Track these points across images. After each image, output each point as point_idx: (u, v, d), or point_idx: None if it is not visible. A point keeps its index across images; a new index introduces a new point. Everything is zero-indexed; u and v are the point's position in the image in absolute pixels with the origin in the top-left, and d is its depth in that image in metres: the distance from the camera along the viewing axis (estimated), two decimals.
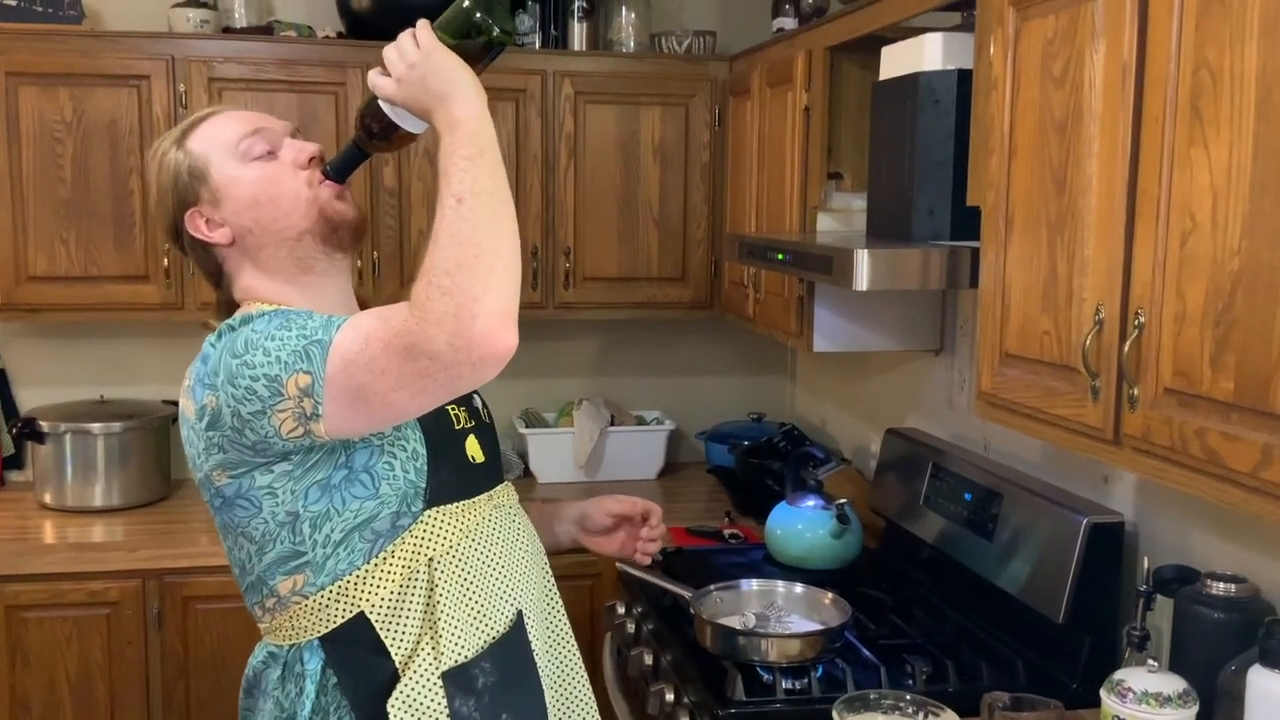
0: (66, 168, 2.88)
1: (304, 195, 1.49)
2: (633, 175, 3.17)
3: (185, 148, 1.51)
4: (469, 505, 1.51)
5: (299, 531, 1.42)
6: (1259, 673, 1.44)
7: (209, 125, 1.53)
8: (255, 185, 1.49)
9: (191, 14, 3.02)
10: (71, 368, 3.26)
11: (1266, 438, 1.22)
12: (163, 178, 1.52)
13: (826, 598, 2.15)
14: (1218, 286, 1.29)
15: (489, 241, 1.25)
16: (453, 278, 1.22)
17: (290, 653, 1.48)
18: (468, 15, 1.38)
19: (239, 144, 1.49)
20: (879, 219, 2.19)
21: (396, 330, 1.25)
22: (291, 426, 1.33)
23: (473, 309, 1.21)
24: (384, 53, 1.38)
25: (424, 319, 1.22)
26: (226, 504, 1.44)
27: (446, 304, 1.22)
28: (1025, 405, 1.69)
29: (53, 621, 2.72)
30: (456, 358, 1.22)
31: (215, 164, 1.49)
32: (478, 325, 1.21)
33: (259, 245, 1.50)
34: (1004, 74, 1.72)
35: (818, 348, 2.55)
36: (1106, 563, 1.94)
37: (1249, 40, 1.23)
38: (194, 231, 1.51)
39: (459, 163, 1.28)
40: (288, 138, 1.53)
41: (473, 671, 1.45)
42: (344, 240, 1.53)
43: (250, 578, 1.48)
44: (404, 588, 1.44)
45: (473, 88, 1.33)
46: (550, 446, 3.31)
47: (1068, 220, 1.57)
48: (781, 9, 2.99)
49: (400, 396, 1.28)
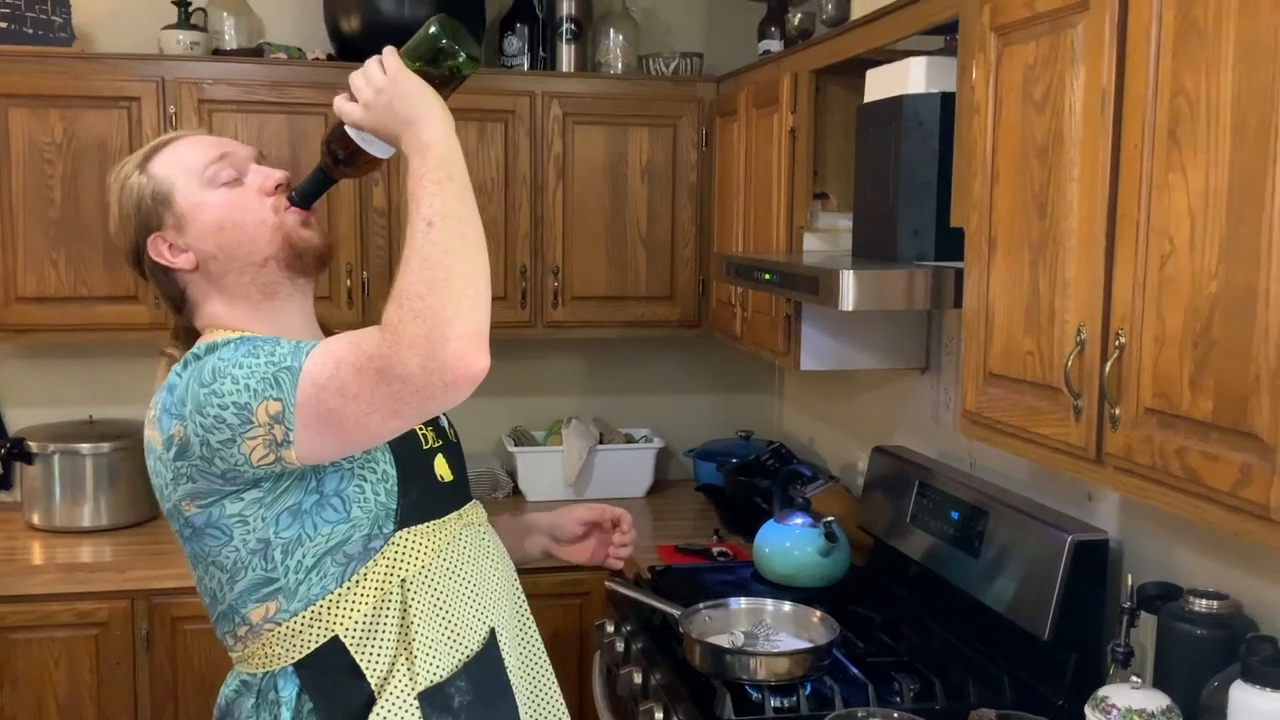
0: (56, 189, 2.89)
1: (270, 221, 1.48)
2: (621, 195, 3.20)
3: (149, 172, 1.50)
4: (440, 525, 1.51)
5: (270, 558, 1.41)
6: (1241, 689, 1.46)
7: (173, 150, 1.52)
8: (221, 210, 1.48)
9: (182, 36, 3.04)
10: (60, 388, 3.26)
11: (1245, 457, 1.24)
12: (125, 202, 1.50)
13: (815, 616, 2.16)
14: (1196, 308, 1.31)
15: (460, 265, 1.25)
16: (425, 301, 1.23)
17: (264, 680, 1.47)
18: (433, 41, 1.38)
19: (205, 169, 1.48)
20: (864, 239, 2.21)
21: (369, 354, 1.25)
22: (262, 454, 1.33)
23: (445, 331, 1.22)
24: (350, 79, 1.38)
25: (396, 342, 1.23)
26: (196, 533, 1.43)
27: (419, 327, 1.22)
28: (1009, 424, 1.71)
29: (41, 643, 2.71)
30: (429, 380, 1.23)
31: (180, 189, 1.48)
32: (450, 347, 1.22)
33: (223, 271, 1.49)
34: (986, 98, 1.75)
35: (805, 366, 2.57)
36: (1091, 580, 1.95)
37: (1225, 67, 1.26)
38: (156, 256, 1.49)
39: (428, 187, 1.28)
40: (253, 163, 1.53)
41: (448, 691, 1.45)
42: (308, 266, 1.52)
43: (221, 607, 1.47)
44: (377, 609, 1.44)
45: (440, 112, 1.33)
46: (539, 465, 3.32)
47: (1049, 243, 1.59)
48: (767, 32, 3.02)
49: (373, 420, 1.28)
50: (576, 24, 3.28)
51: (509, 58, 3.26)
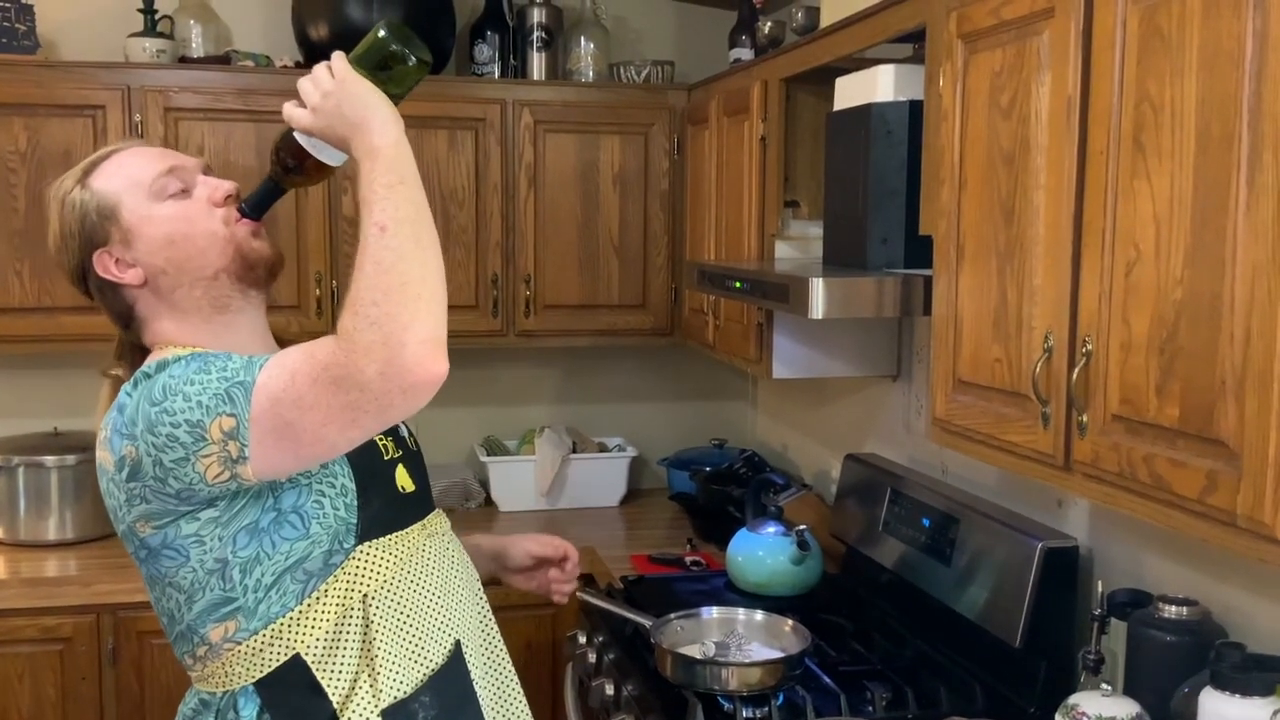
0: (20, 198, 2.86)
1: (220, 233, 1.45)
2: (592, 203, 3.19)
3: (90, 187, 1.45)
4: (401, 536, 1.48)
5: (229, 578, 1.38)
6: (1210, 695, 1.46)
7: (115, 162, 1.48)
8: (170, 224, 1.44)
9: (148, 43, 3.01)
10: (24, 400, 3.22)
11: (1211, 463, 1.24)
12: (67, 218, 1.46)
13: (787, 625, 2.15)
14: (1162, 315, 1.31)
15: (415, 269, 1.23)
16: (380, 307, 1.21)
17: (224, 700, 1.44)
18: (383, 46, 1.35)
19: (152, 182, 1.45)
20: (834, 247, 2.21)
21: (324, 364, 1.23)
22: (217, 471, 1.30)
23: (402, 337, 1.20)
24: (299, 84, 1.35)
25: (352, 350, 1.21)
26: (152, 555, 1.40)
27: (375, 334, 1.20)
28: (979, 431, 1.71)
29: (4, 658, 2.67)
30: (387, 387, 1.21)
31: (127, 203, 1.44)
32: (408, 353, 1.20)
33: (173, 285, 1.45)
34: (953, 106, 1.75)
35: (777, 374, 2.57)
36: (1061, 587, 1.96)
37: (1189, 75, 1.26)
38: (103, 273, 1.45)
39: (379, 191, 1.26)
40: (200, 174, 1.49)
41: (412, 707, 1.43)
42: (260, 278, 1.50)
43: (180, 627, 1.44)
44: (339, 626, 1.42)
45: (390, 115, 1.31)
46: (512, 474, 3.30)
47: (1016, 250, 1.59)
48: (738, 40, 3.02)
49: (330, 431, 1.26)
50: (547, 32, 3.28)
51: (479, 65, 3.25)
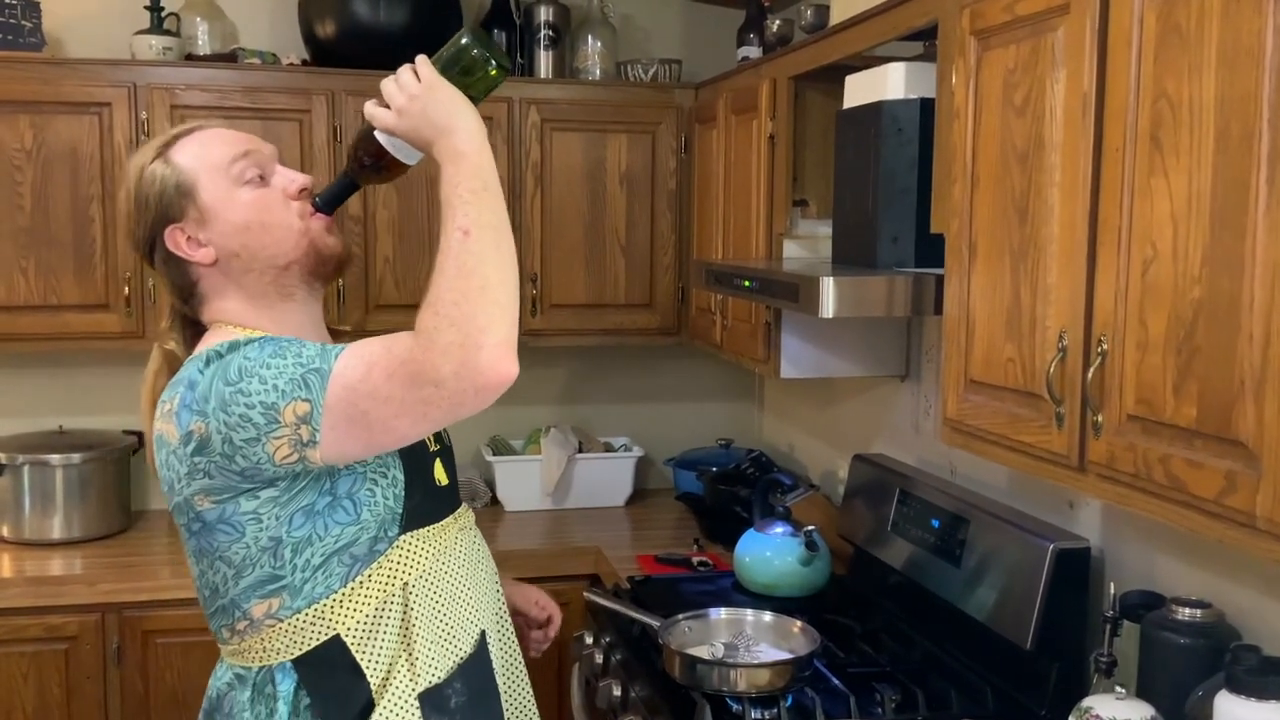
0: (26, 196, 2.85)
1: (296, 226, 1.49)
2: (599, 202, 3.18)
3: (172, 162, 1.47)
4: (439, 529, 1.52)
5: (280, 556, 1.41)
6: (1226, 698, 1.44)
7: (196, 140, 1.50)
8: (248, 211, 1.47)
9: (154, 41, 3.00)
10: (30, 398, 3.21)
11: (1230, 464, 1.23)
12: (144, 189, 1.48)
13: (795, 626, 2.14)
14: (1179, 314, 1.30)
15: (494, 274, 1.28)
16: (460, 309, 1.25)
17: (260, 675, 1.47)
18: (465, 51, 1.40)
19: (230, 166, 1.47)
20: (844, 246, 2.20)
21: (401, 359, 1.27)
22: (286, 453, 1.33)
23: (479, 339, 1.24)
24: (382, 85, 1.39)
25: (430, 348, 1.25)
26: (206, 528, 1.43)
27: (454, 334, 1.24)
28: (990, 432, 1.69)
29: (9, 657, 2.67)
30: (461, 385, 1.25)
31: (205, 183, 1.46)
32: (484, 355, 1.24)
33: (244, 269, 1.48)
34: (966, 103, 1.74)
35: (785, 374, 2.56)
36: (1073, 588, 1.94)
37: (1207, 71, 1.24)
38: (174, 248, 1.48)
39: (464, 195, 1.30)
40: (277, 164, 1.52)
41: (446, 692, 1.47)
42: (329, 273, 1.53)
43: (222, 600, 1.47)
44: (379, 611, 1.45)
45: (475, 121, 1.35)
46: (518, 474, 3.29)
47: (1030, 248, 1.58)
48: (746, 38, 3.01)
49: (401, 423, 1.30)
50: (554, 30, 3.26)
51: None
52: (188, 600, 2.78)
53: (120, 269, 2.90)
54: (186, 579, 2.74)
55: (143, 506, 3.28)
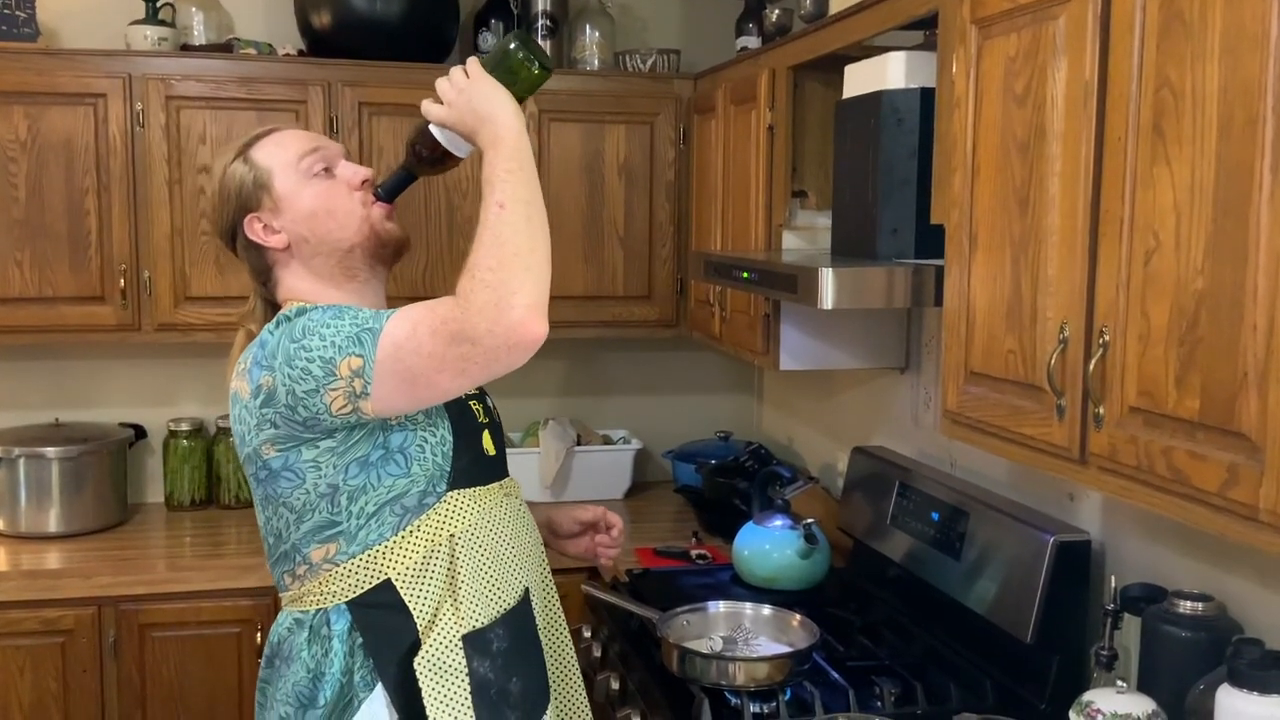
0: (20, 187, 2.83)
1: (358, 213, 1.65)
2: (598, 193, 3.16)
3: (250, 160, 1.66)
4: (485, 491, 1.66)
5: (337, 503, 1.56)
6: (1227, 692, 1.43)
7: (272, 141, 1.68)
8: (315, 199, 1.64)
9: (149, 31, 2.98)
10: (25, 390, 3.20)
11: (1232, 456, 1.22)
12: (227, 184, 1.67)
13: (794, 619, 2.13)
14: (1182, 305, 1.28)
15: (526, 243, 1.43)
16: (495, 273, 1.40)
17: (316, 617, 1.60)
18: (512, 54, 1.54)
19: (300, 160, 1.65)
20: (843, 237, 2.19)
21: (443, 318, 1.41)
22: (341, 404, 1.48)
23: (510, 300, 1.39)
24: (437, 83, 1.56)
25: (468, 308, 1.40)
26: (272, 476, 1.57)
27: (488, 295, 1.39)
28: (991, 424, 1.68)
29: (6, 651, 2.65)
30: (494, 342, 1.40)
31: (278, 176, 1.64)
32: (515, 314, 1.39)
33: (312, 253, 1.65)
34: (966, 93, 1.72)
35: (784, 366, 2.55)
36: (1073, 582, 1.93)
37: (1210, 60, 1.23)
38: (251, 235, 1.66)
39: (501, 174, 1.46)
40: (342, 159, 1.69)
41: (488, 636, 1.60)
42: (388, 256, 1.70)
43: (285, 546, 1.62)
44: (427, 559, 1.58)
45: (513, 110, 1.51)
46: (516, 467, 3.24)
47: (1031, 239, 1.56)
48: (745, 28, 2.99)
49: (443, 378, 1.45)
50: (552, 20, 3.25)
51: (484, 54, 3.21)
52: (184, 594, 2.80)
53: (115, 261, 2.88)
54: (183, 572, 2.76)
55: (139, 499, 3.27)
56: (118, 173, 2.87)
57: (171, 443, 3.19)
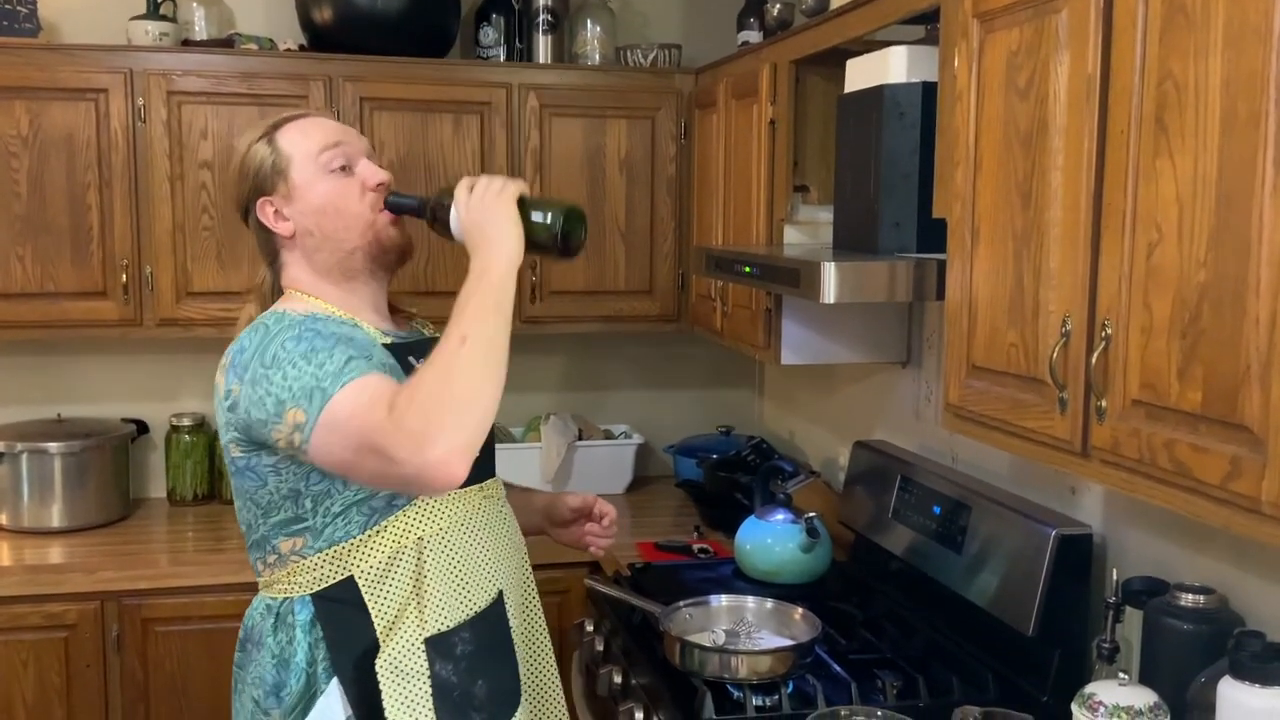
0: (22, 182, 2.83)
1: (365, 217, 1.66)
2: (599, 188, 3.16)
3: (274, 143, 1.66)
4: (460, 495, 1.65)
5: (301, 504, 1.58)
6: (1229, 684, 1.44)
7: (298, 126, 1.67)
8: (326, 196, 1.65)
9: (150, 26, 2.98)
10: (28, 386, 3.20)
11: (1235, 449, 1.22)
12: (247, 163, 1.67)
13: (796, 613, 2.13)
14: (1184, 298, 1.29)
15: (474, 387, 1.41)
16: (432, 403, 1.38)
17: (283, 605, 1.63)
18: (551, 223, 1.58)
19: (320, 154, 1.65)
20: (845, 232, 2.19)
21: (376, 425, 1.39)
22: (284, 444, 1.50)
23: (438, 438, 1.36)
24: (480, 177, 1.58)
25: (398, 428, 1.38)
26: (238, 472, 1.61)
27: (419, 425, 1.37)
28: (993, 417, 1.68)
29: (9, 645, 2.66)
30: (409, 471, 1.38)
31: (297, 165, 1.65)
32: (436, 453, 1.36)
33: (315, 247, 1.66)
34: (968, 86, 1.72)
35: (785, 360, 2.55)
36: (1075, 575, 1.93)
37: (1213, 53, 1.23)
38: (263, 218, 1.67)
39: (474, 308, 1.46)
40: (364, 158, 1.68)
41: (453, 639, 1.61)
42: (390, 262, 1.70)
43: (255, 535, 1.64)
44: (392, 559, 1.59)
45: (513, 250, 1.51)
46: (518, 461, 3.28)
47: (1033, 232, 1.56)
48: (746, 22, 2.99)
49: (359, 476, 1.48)
50: (553, 15, 3.25)
51: (484, 49, 3.22)
52: (187, 588, 2.80)
53: (117, 256, 2.88)
54: (186, 567, 2.77)
55: (142, 494, 3.27)
56: (119, 168, 2.87)
57: (174, 438, 3.19)
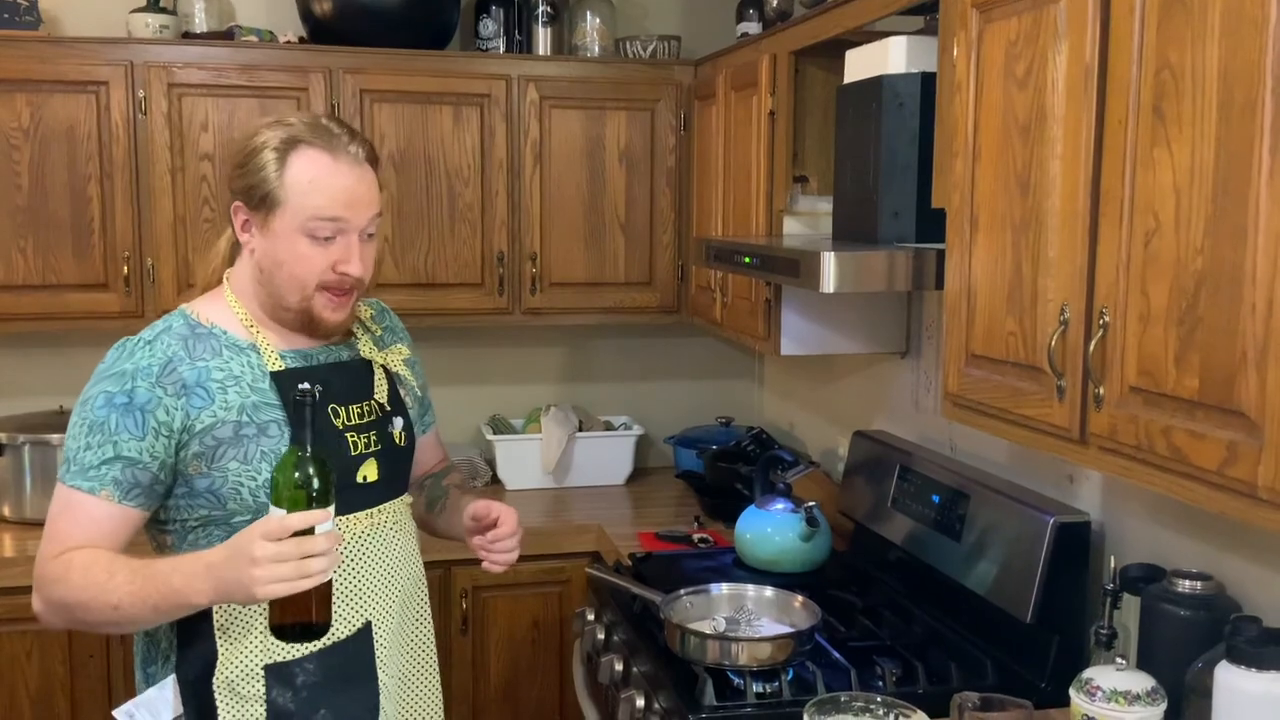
0: (24, 175, 2.84)
1: (310, 288, 1.63)
2: (599, 180, 3.17)
3: (283, 167, 1.60)
4: (343, 521, 1.64)
5: (165, 508, 1.64)
6: (1226, 669, 1.45)
7: (313, 168, 1.60)
8: (291, 254, 1.62)
9: (150, 19, 2.99)
10: (30, 378, 3.21)
11: (1231, 435, 1.23)
12: (251, 162, 1.62)
13: (796, 601, 2.15)
14: (1181, 285, 1.30)
15: (91, 624, 1.63)
16: (61, 592, 1.57)
17: None
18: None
19: (313, 219, 1.60)
20: (844, 222, 2.20)
21: (43, 537, 1.61)
22: None
23: (41, 599, 1.62)
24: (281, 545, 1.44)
25: (40, 562, 1.60)
26: None
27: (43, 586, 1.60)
28: (992, 406, 1.69)
29: (13, 636, 2.67)
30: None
31: (285, 212, 1.60)
32: (37, 605, 1.63)
33: (263, 280, 1.66)
34: (967, 76, 1.73)
35: (785, 351, 2.56)
36: (1073, 562, 1.95)
37: (1210, 41, 1.24)
38: (234, 220, 1.67)
39: (152, 592, 1.50)
40: (355, 234, 1.63)
41: (294, 669, 1.62)
42: (317, 333, 1.69)
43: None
44: None
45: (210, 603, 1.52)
46: (518, 453, 3.30)
47: (1032, 221, 1.57)
48: (745, 13, 2.99)
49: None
50: (553, 6, 3.25)
51: (484, 41, 3.22)
52: None
53: (119, 248, 2.89)
54: None
55: None
56: (120, 160, 2.87)
57: None
